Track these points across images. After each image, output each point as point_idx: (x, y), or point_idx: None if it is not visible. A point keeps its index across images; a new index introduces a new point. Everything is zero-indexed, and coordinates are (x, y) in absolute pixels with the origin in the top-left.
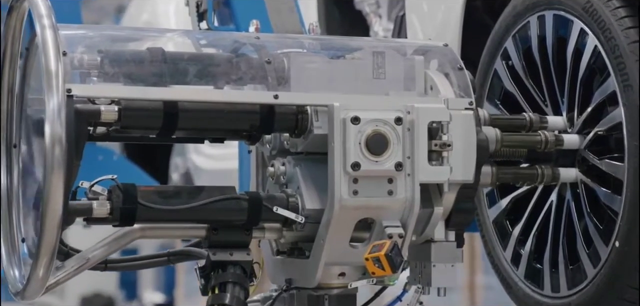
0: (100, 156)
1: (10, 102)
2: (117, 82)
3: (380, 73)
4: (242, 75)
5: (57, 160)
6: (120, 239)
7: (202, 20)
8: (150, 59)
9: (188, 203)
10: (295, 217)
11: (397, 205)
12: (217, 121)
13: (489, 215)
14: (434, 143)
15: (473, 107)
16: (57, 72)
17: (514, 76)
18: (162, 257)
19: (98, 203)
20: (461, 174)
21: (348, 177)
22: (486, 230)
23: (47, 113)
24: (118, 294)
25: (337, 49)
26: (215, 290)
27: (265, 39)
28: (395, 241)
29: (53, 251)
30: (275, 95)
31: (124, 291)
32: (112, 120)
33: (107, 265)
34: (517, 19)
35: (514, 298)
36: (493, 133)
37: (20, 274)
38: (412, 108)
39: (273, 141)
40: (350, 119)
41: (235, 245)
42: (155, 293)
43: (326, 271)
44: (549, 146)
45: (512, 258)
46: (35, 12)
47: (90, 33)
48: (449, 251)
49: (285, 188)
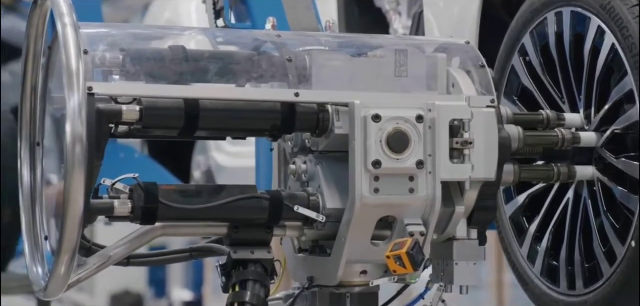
0: (121, 154)
1: (33, 101)
2: (138, 80)
3: (402, 71)
4: (263, 73)
5: (77, 158)
6: (142, 237)
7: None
8: (171, 57)
9: (209, 202)
10: (316, 215)
11: (418, 203)
12: (238, 119)
13: (505, 211)
14: (456, 140)
15: (495, 104)
16: (77, 70)
17: (531, 72)
18: (184, 253)
19: (119, 202)
20: (483, 172)
21: (369, 174)
22: (503, 226)
23: (68, 111)
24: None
25: (359, 46)
26: (236, 288)
27: (286, 37)
28: (417, 239)
29: (74, 249)
30: (295, 93)
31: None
32: (133, 119)
33: (129, 261)
34: (535, 15)
35: (530, 295)
36: (515, 131)
37: (43, 271)
38: (433, 106)
39: (295, 139)
40: (371, 117)
41: (256, 243)
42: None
43: (348, 269)
44: (566, 144)
45: (528, 255)
46: (56, 11)
47: (112, 31)
48: (471, 249)
49: (307, 187)
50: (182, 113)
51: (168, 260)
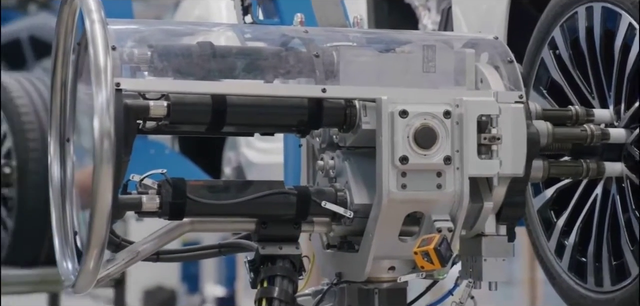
0: (152, 150)
1: (63, 97)
2: (166, 76)
3: (430, 66)
4: (291, 68)
5: (105, 153)
6: (171, 232)
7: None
8: (199, 53)
9: (237, 198)
10: (344, 211)
11: (446, 199)
12: (265, 115)
13: (533, 204)
14: (484, 136)
15: (523, 100)
16: (105, 66)
17: (560, 66)
18: (213, 249)
19: (147, 197)
20: (511, 168)
21: (396, 170)
22: (531, 220)
23: (96, 107)
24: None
25: (386, 42)
26: (264, 283)
27: (314, 33)
28: (445, 235)
29: (102, 244)
30: (323, 89)
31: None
32: (161, 115)
33: (159, 256)
34: (565, 9)
35: (557, 290)
36: (544, 127)
37: (73, 267)
38: (460, 102)
39: (323, 135)
40: (398, 113)
41: (285, 239)
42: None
43: (376, 265)
44: (595, 140)
45: (556, 250)
46: (85, 8)
47: (140, 27)
48: (500, 246)
49: (335, 182)
50: (209, 109)
51: (197, 256)
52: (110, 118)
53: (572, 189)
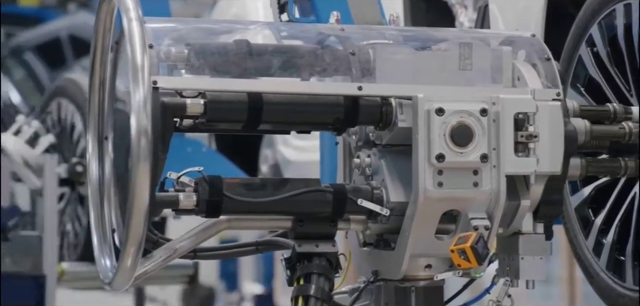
0: (189, 148)
1: (101, 95)
2: (203, 75)
3: (467, 64)
4: (327, 66)
5: (143, 151)
6: (207, 230)
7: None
8: (235, 51)
9: (273, 196)
10: (380, 209)
11: (483, 197)
12: (301, 113)
13: (570, 202)
14: (520, 134)
15: (561, 98)
16: (143, 64)
17: (598, 63)
18: (250, 246)
19: (184, 195)
20: (548, 166)
21: (432, 168)
22: (568, 218)
23: (133, 105)
24: (219, 285)
25: (423, 40)
26: (301, 281)
27: (350, 31)
28: (481, 234)
29: (140, 242)
30: (359, 87)
31: (225, 282)
32: (198, 113)
33: (196, 254)
34: (603, 6)
35: (595, 288)
36: (582, 125)
37: (111, 264)
38: (497, 100)
39: (359, 133)
40: (434, 110)
41: (321, 236)
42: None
43: (412, 263)
44: (633, 138)
45: (594, 248)
46: (122, 6)
47: (177, 26)
48: (537, 244)
49: (371, 180)
50: (245, 106)
51: (234, 254)
52: (148, 117)
53: (610, 187)
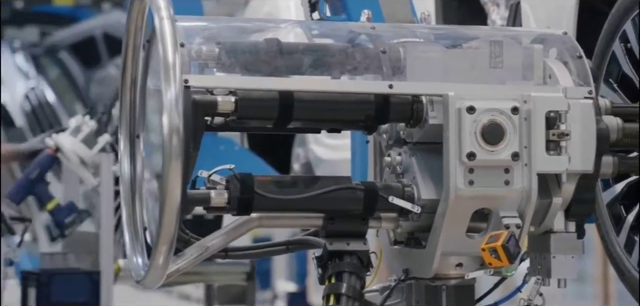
0: (221, 147)
1: (133, 94)
2: (234, 73)
3: (498, 62)
4: (357, 65)
5: (174, 149)
6: (239, 228)
7: (314, 11)
8: (266, 50)
9: (304, 193)
10: (411, 206)
11: (514, 195)
12: (332, 111)
13: (602, 199)
14: (552, 132)
15: (592, 96)
16: (174, 63)
17: (632, 59)
18: (281, 246)
19: (216, 193)
20: (580, 164)
21: (463, 166)
22: (600, 214)
23: (165, 103)
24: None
25: (453, 38)
26: (332, 279)
27: (381, 29)
28: (513, 232)
29: (172, 240)
30: (389, 85)
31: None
32: (229, 110)
33: (227, 253)
34: (637, 2)
35: (627, 285)
36: (614, 123)
37: (143, 262)
38: (528, 98)
39: (389, 131)
40: (465, 109)
41: (352, 234)
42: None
43: (443, 261)
44: None
45: (626, 245)
46: (154, 5)
47: (208, 24)
48: (569, 243)
49: (402, 178)
50: (276, 104)
51: (265, 253)
52: (179, 115)
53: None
